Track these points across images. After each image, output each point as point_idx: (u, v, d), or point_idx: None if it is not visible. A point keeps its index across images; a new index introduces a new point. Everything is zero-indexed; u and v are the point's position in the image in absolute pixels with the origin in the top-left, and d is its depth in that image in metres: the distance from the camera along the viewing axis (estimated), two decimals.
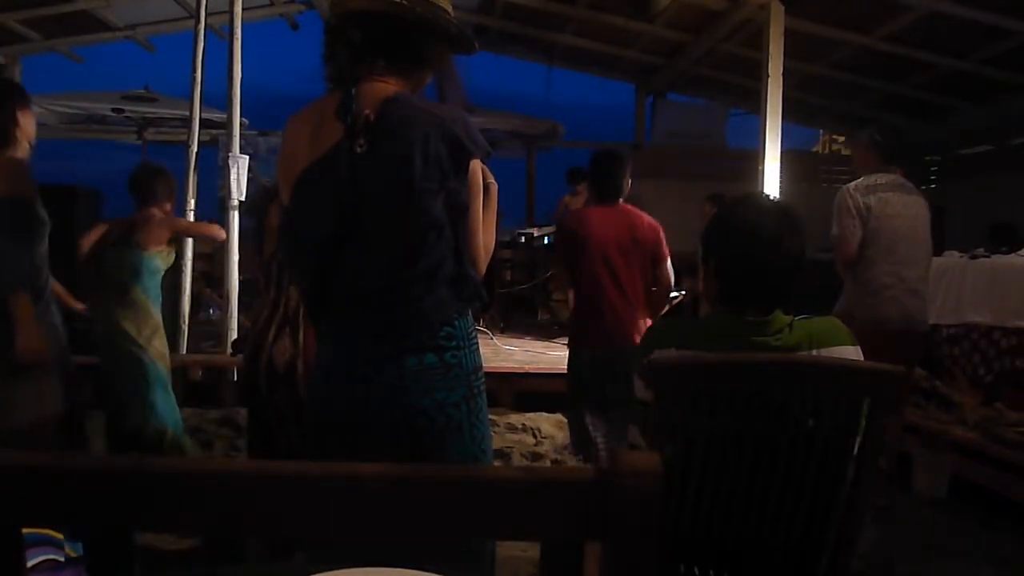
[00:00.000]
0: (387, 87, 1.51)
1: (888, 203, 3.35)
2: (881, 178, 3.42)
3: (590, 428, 3.37)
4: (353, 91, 1.47)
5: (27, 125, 2.42)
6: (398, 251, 1.50)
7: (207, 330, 5.65)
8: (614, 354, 3.32)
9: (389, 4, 1.48)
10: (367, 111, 1.46)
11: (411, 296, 1.49)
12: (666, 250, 3.43)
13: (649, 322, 3.41)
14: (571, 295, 3.52)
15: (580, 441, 3.51)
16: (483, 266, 1.60)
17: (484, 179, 1.60)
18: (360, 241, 1.50)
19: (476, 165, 1.54)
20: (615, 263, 3.33)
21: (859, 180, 3.44)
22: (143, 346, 3.24)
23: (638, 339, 3.28)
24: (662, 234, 3.43)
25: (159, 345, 3.32)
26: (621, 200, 3.44)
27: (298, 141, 1.55)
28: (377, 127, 1.46)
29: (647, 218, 3.46)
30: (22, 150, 2.40)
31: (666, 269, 3.42)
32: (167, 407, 3.29)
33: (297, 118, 1.59)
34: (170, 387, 3.39)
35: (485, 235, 1.60)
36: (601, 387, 3.37)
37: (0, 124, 2.36)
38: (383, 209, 1.48)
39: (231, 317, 5.03)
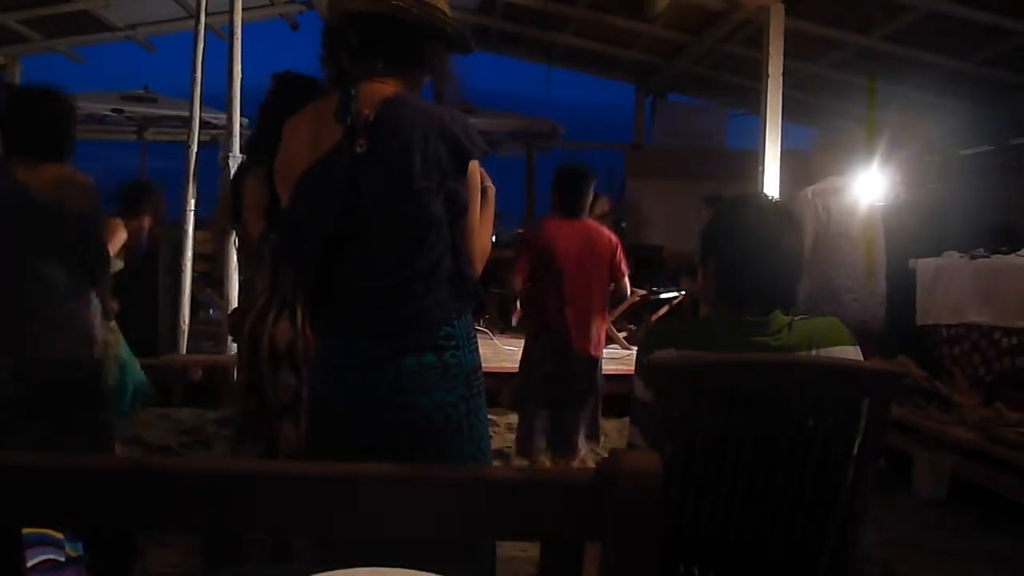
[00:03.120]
0: (386, 88, 1.51)
1: (844, 206, 3.45)
2: (838, 181, 3.52)
3: (536, 430, 3.49)
4: (352, 92, 1.48)
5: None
6: (397, 250, 1.50)
7: (207, 330, 5.65)
8: (563, 357, 3.46)
9: (387, 6, 1.48)
10: (366, 111, 1.47)
11: (410, 295, 1.50)
12: (625, 267, 3.60)
13: (602, 329, 3.59)
14: (517, 302, 3.63)
15: (525, 444, 3.61)
16: (480, 267, 1.60)
17: (482, 181, 1.61)
18: (360, 240, 1.50)
19: (475, 166, 1.54)
20: (575, 274, 3.45)
21: (817, 184, 3.53)
22: None
23: (587, 345, 3.46)
24: (621, 250, 3.59)
25: None
26: (584, 217, 3.57)
27: (298, 142, 1.55)
28: (377, 127, 1.46)
29: (606, 232, 3.62)
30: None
31: (624, 284, 3.64)
32: None
33: (296, 119, 1.60)
34: None
35: (481, 237, 1.60)
36: (550, 389, 3.51)
37: (68, 139, 2.36)
38: (383, 208, 1.48)
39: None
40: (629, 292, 3.69)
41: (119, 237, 3.45)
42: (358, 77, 1.51)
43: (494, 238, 1.74)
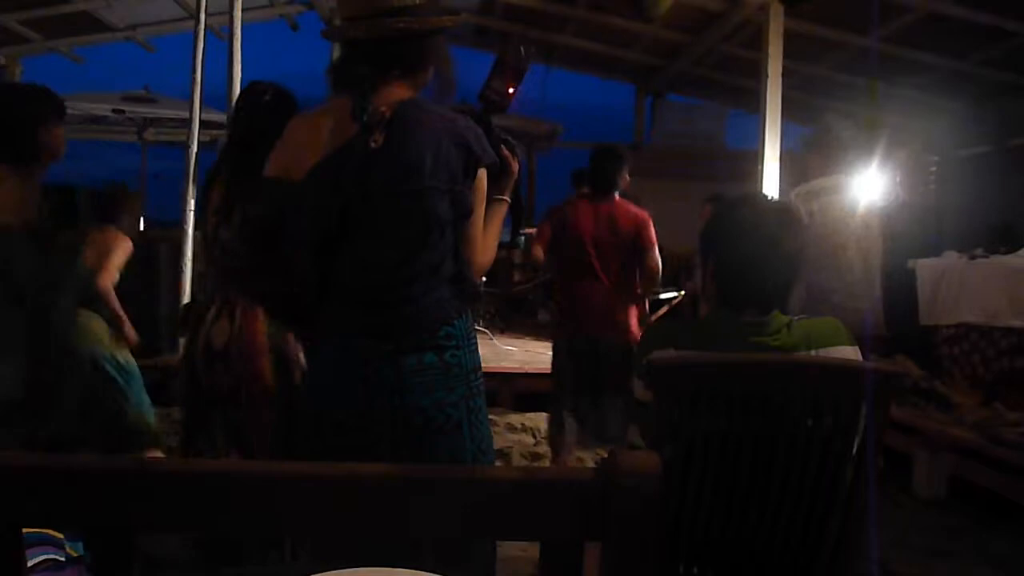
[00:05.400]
0: (400, 91, 1.54)
1: (830, 207, 3.35)
2: (826, 182, 3.41)
3: (565, 425, 3.44)
4: (368, 93, 1.50)
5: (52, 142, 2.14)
6: (401, 247, 1.51)
7: None
8: (591, 344, 3.39)
9: (388, 31, 1.51)
10: (383, 108, 1.49)
11: (411, 294, 1.51)
12: (653, 238, 3.46)
13: (631, 313, 3.47)
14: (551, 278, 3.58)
15: (555, 437, 3.55)
16: (480, 275, 1.62)
17: (500, 193, 1.65)
18: (364, 236, 1.51)
19: (483, 174, 1.56)
20: (596, 254, 3.38)
21: (803, 186, 3.45)
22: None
23: (616, 330, 3.38)
24: (649, 224, 3.46)
25: None
26: (616, 195, 3.48)
27: (308, 138, 1.56)
28: (392, 124, 1.49)
29: (633, 209, 3.49)
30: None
31: (651, 257, 3.45)
32: None
33: (304, 117, 1.61)
34: None
35: (485, 250, 1.61)
36: (578, 376, 3.44)
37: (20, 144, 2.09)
38: (390, 204, 1.50)
39: None
40: (659, 267, 3.49)
41: (123, 250, 3.35)
42: (375, 83, 1.53)
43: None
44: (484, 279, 1.71)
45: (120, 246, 3.34)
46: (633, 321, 3.47)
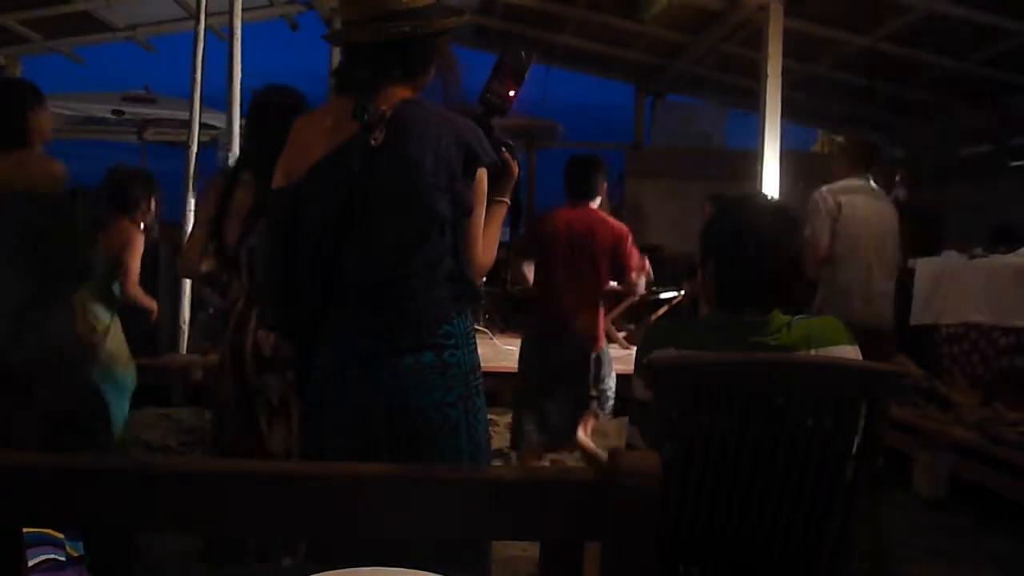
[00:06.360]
0: (402, 91, 1.55)
1: (856, 206, 3.54)
2: (853, 182, 3.60)
3: (524, 424, 3.44)
4: (370, 92, 1.51)
5: (41, 125, 2.34)
6: (400, 245, 1.52)
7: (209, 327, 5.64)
8: (559, 350, 3.37)
9: (390, 35, 1.51)
10: (384, 107, 1.50)
11: (410, 292, 1.51)
12: (634, 259, 3.41)
13: (598, 321, 3.43)
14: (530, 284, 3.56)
15: (516, 437, 3.53)
16: (480, 276, 1.62)
17: (500, 195, 1.65)
18: (364, 233, 1.52)
19: (483, 174, 1.56)
20: (571, 263, 3.35)
21: (832, 184, 3.62)
22: None
23: (587, 339, 3.35)
24: (628, 240, 3.41)
25: None
26: (592, 204, 3.46)
27: (311, 136, 1.57)
28: (393, 123, 1.50)
29: (612, 221, 3.47)
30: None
31: (632, 279, 3.41)
32: None
33: (308, 117, 1.62)
34: None
35: (486, 252, 1.61)
36: (541, 381, 3.42)
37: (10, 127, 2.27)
38: (390, 201, 1.51)
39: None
40: (640, 288, 3.48)
41: (137, 245, 3.25)
42: (376, 85, 1.53)
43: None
44: (484, 279, 1.71)
45: (134, 241, 3.26)
46: (599, 330, 3.43)
